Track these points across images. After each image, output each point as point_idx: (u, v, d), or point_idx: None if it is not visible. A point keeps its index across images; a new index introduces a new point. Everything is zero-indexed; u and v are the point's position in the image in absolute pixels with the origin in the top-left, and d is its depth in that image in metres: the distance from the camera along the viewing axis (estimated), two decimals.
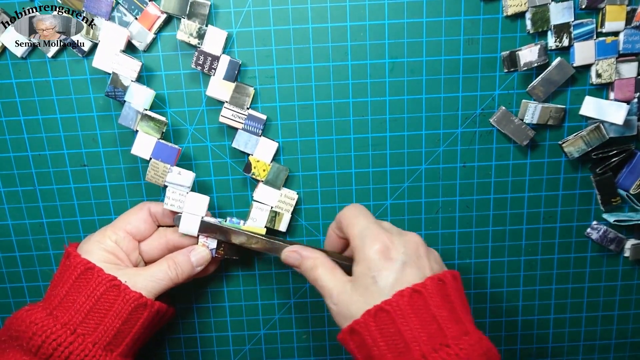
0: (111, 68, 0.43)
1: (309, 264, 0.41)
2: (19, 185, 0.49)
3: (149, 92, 0.44)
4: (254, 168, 0.47)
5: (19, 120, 0.47)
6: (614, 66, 0.46)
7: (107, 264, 0.42)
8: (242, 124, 0.46)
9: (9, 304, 0.52)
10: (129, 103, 0.44)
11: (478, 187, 0.49)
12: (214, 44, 0.44)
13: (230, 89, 0.45)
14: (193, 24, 0.43)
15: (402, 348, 0.35)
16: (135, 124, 0.44)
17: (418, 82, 0.47)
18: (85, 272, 0.41)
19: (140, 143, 0.44)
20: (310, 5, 0.45)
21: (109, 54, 0.43)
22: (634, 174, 0.48)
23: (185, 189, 0.45)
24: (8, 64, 0.46)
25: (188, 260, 0.45)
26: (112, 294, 0.41)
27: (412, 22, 0.45)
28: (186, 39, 0.44)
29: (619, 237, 0.50)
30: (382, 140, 0.48)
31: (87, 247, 0.43)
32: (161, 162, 0.44)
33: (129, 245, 0.45)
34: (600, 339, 0.54)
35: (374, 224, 0.40)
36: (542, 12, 0.45)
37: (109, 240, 0.44)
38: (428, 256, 0.39)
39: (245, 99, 0.45)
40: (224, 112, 0.45)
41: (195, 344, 0.53)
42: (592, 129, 0.46)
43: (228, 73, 0.45)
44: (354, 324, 0.36)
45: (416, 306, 0.35)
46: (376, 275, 0.37)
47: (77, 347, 0.39)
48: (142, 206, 0.46)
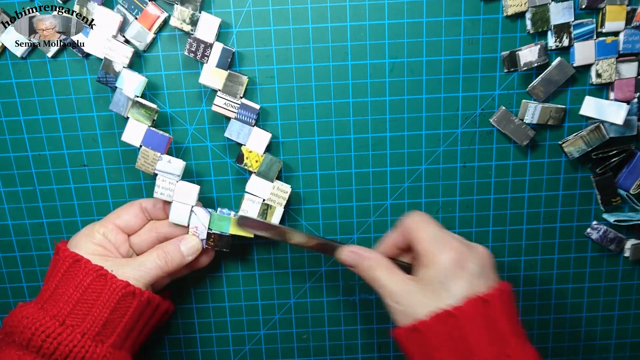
0: (103, 53, 0.43)
1: (367, 264, 0.42)
2: (19, 185, 0.49)
3: (141, 79, 0.44)
4: (246, 159, 0.46)
5: (19, 120, 0.47)
6: (614, 66, 0.46)
7: (95, 256, 0.42)
8: (235, 113, 0.46)
9: (9, 304, 0.52)
10: (120, 89, 0.44)
11: (478, 187, 0.49)
12: (207, 30, 0.44)
13: (223, 77, 0.45)
14: (186, 10, 0.43)
15: (465, 353, 0.36)
16: (126, 111, 0.44)
17: (418, 82, 0.47)
18: (73, 265, 0.42)
19: (131, 130, 0.44)
20: (310, 5, 0.45)
21: (101, 39, 0.43)
22: (634, 174, 0.48)
23: (175, 177, 0.45)
24: (8, 64, 0.46)
25: (177, 249, 0.45)
26: (99, 284, 0.41)
27: (412, 22, 0.45)
28: (179, 25, 0.43)
29: (619, 237, 0.50)
30: (382, 140, 0.48)
31: (75, 242, 0.44)
32: (151, 150, 0.44)
33: (117, 238, 0.45)
34: (600, 339, 0.54)
35: (445, 231, 0.41)
36: (542, 12, 0.45)
37: (97, 234, 0.44)
38: (494, 269, 0.40)
39: (239, 87, 0.45)
40: (217, 100, 0.45)
41: (195, 344, 0.53)
42: (592, 129, 0.46)
43: (221, 61, 0.44)
44: (420, 324, 0.37)
45: (483, 315, 0.37)
46: (448, 282, 0.38)
47: (66, 337, 0.39)
48: (134, 202, 0.46)
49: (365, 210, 0.50)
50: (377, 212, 0.50)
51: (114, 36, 0.43)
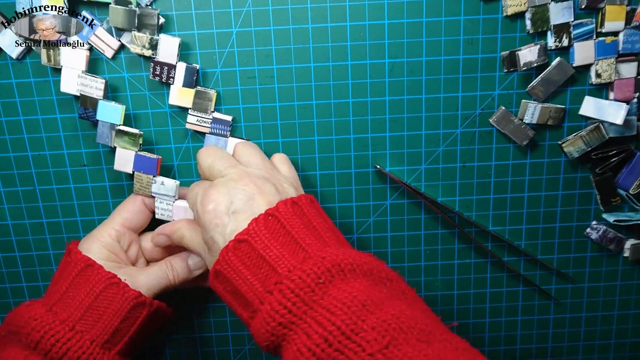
0: (77, 90, 0.44)
1: (176, 237, 0.43)
2: (19, 185, 0.49)
3: (118, 107, 0.44)
4: None
5: (19, 120, 0.47)
6: (613, 66, 0.46)
7: (107, 262, 0.43)
8: (208, 128, 0.46)
9: (9, 304, 0.52)
10: (102, 122, 0.44)
11: (478, 187, 0.50)
12: (167, 52, 0.44)
13: (191, 95, 0.45)
14: (144, 35, 0.43)
15: (268, 271, 0.35)
16: (112, 141, 0.44)
17: (418, 82, 0.47)
18: (85, 269, 0.41)
19: (121, 158, 0.45)
20: (310, 5, 0.45)
21: (72, 76, 0.44)
22: (633, 174, 0.48)
23: (170, 198, 0.45)
24: (8, 64, 0.46)
25: (185, 264, 0.45)
26: (111, 292, 0.41)
27: (412, 22, 0.46)
28: (139, 51, 0.44)
29: (618, 237, 0.50)
30: (382, 140, 0.48)
31: (87, 246, 0.44)
32: (144, 174, 0.45)
33: (128, 239, 0.45)
34: (600, 339, 0.54)
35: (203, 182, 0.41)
36: (542, 12, 0.45)
37: (108, 238, 0.44)
38: (275, 181, 0.40)
39: (208, 103, 0.45)
40: (189, 118, 0.46)
41: (195, 343, 0.53)
42: (592, 129, 0.46)
43: (186, 80, 0.45)
44: (216, 265, 0.37)
45: (273, 229, 0.36)
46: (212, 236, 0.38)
47: (75, 343, 0.39)
48: (135, 197, 0.46)
49: (365, 210, 0.50)
50: (376, 212, 0.50)
51: (84, 71, 0.44)
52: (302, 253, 0.35)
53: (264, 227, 0.36)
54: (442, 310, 0.53)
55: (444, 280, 0.52)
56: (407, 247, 0.51)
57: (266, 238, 0.35)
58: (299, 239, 0.36)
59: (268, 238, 0.35)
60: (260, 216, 0.36)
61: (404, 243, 0.51)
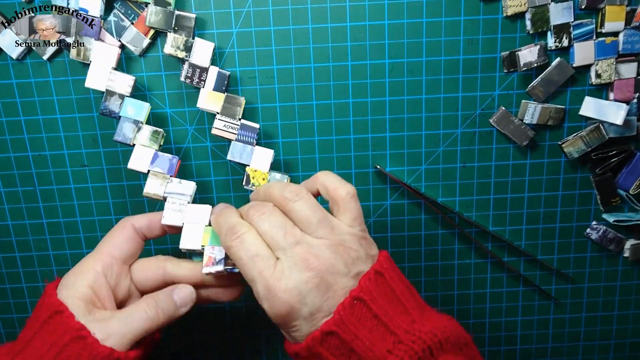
0: (105, 86, 0.43)
1: None
2: (19, 185, 0.49)
3: (145, 105, 0.44)
4: (253, 179, 0.46)
5: (19, 120, 0.47)
6: (613, 66, 0.46)
7: (83, 302, 0.38)
8: (235, 135, 0.46)
9: (9, 304, 0.52)
10: (125, 118, 0.44)
11: (478, 187, 0.50)
12: (201, 56, 0.44)
13: (221, 99, 0.45)
14: (180, 37, 0.43)
15: (383, 329, 0.35)
16: (133, 139, 0.44)
17: (418, 83, 0.47)
18: (54, 316, 0.37)
19: (138, 156, 0.44)
20: (310, 5, 0.45)
21: (101, 72, 0.43)
22: (633, 174, 0.48)
23: (186, 197, 0.44)
24: (8, 64, 0.46)
25: (170, 298, 0.40)
26: (77, 346, 0.36)
27: (412, 23, 0.46)
28: (174, 52, 0.44)
29: (618, 237, 0.50)
30: (382, 140, 0.48)
31: (67, 281, 0.39)
32: (160, 172, 0.44)
33: (116, 271, 0.40)
34: (600, 339, 0.54)
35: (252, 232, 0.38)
36: (542, 12, 0.45)
37: (92, 272, 0.39)
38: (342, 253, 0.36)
39: (237, 109, 0.45)
40: (216, 123, 0.45)
41: (195, 343, 0.53)
42: (592, 129, 0.46)
43: (217, 84, 0.44)
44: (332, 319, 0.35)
45: (359, 315, 0.35)
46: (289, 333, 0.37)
47: None
48: (125, 224, 0.42)
49: (365, 210, 0.50)
50: (377, 212, 0.50)
51: (114, 68, 0.44)
52: (392, 337, 0.35)
53: (350, 313, 0.35)
54: (443, 310, 0.53)
55: (444, 280, 0.52)
56: (407, 247, 0.51)
57: (354, 326, 0.35)
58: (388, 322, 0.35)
59: (355, 325, 0.35)
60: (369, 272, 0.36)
61: (404, 243, 0.51)
